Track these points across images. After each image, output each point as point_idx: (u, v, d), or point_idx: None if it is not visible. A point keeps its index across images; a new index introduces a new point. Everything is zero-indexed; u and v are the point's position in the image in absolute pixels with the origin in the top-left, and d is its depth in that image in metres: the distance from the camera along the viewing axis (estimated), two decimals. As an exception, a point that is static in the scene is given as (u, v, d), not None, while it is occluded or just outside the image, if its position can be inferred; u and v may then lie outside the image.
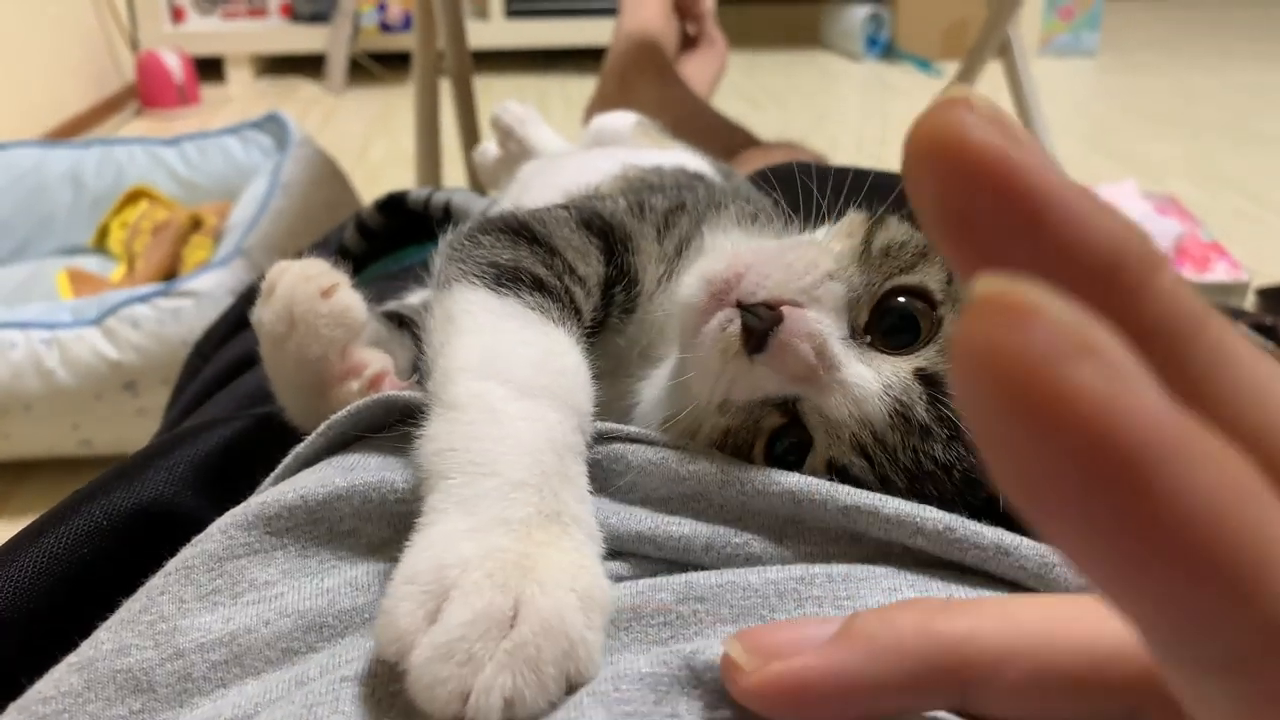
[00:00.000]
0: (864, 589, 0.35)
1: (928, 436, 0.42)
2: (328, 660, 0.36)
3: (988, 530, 0.36)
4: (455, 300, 0.46)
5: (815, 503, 0.38)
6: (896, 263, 0.46)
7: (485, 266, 0.48)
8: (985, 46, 1.78)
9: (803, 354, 0.41)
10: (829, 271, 0.44)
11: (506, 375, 0.41)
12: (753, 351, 0.42)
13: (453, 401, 0.40)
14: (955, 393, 0.16)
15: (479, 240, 0.50)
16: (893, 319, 0.44)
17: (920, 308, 0.45)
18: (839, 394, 0.42)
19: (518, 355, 0.42)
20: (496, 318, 0.45)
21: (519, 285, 0.47)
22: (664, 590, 0.36)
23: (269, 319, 0.49)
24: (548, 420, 0.40)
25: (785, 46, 4.12)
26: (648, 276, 0.52)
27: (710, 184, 0.80)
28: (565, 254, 0.50)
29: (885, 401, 0.42)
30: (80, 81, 2.95)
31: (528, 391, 0.41)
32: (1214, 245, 1.93)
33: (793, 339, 0.42)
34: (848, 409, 0.42)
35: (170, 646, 0.37)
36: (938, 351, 0.44)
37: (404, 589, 0.33)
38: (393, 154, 2.77)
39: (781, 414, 0.43)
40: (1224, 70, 3.71)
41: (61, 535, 0.47)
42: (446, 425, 0.39)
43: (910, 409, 0.42)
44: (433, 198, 0.89)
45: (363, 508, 0.41)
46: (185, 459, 0.52)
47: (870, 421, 0.42)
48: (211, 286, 1.43)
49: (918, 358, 0.43)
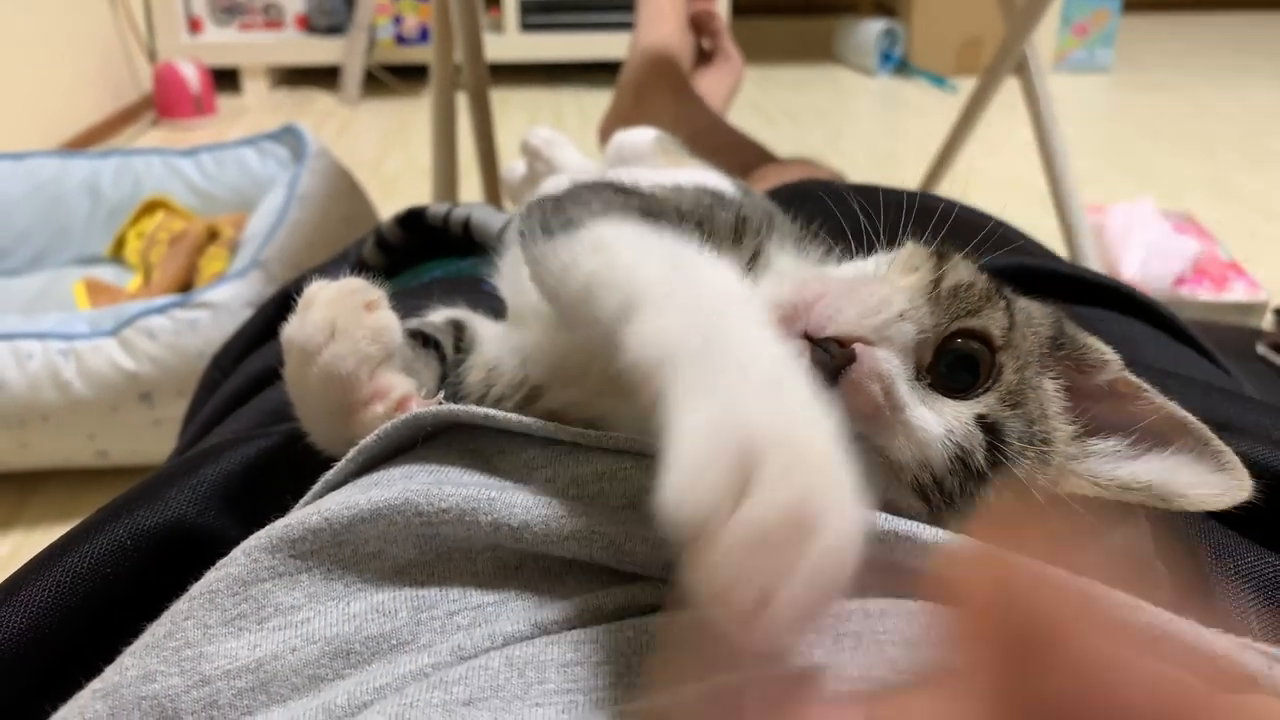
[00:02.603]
0: (900, 626, 0.34)
1: (984, 483, 0.42)
2: (355, 687, 0.36)
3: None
4: (602, 232, 0.42)
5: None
6: (964, 305, 0.46)
7: (622, 209, 0.44)
8: (1002, 64, 1.78)
9: (872, 394, 0.41)
10: (901, 311, 0.44)
11: (706, 280, 0.38)
12: (820, 378, 0.41)
13: (660, 300, 0.36)
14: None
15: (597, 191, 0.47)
16: (954, 360, 0.44)
17: (980, 350, 0.45)
18: (902, 436, 0.42)
19: (706, 271, 0.39)
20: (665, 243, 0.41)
21: (667, 221, 0.44)
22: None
23: (308, 329, 0.48)
24: (767, 335, 0.36)
25: (799, 61, 4.13)
26: None
27: (756, 202, 0.80)
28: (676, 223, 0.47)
29: (947, 446, 0.41)
30: (97, 91, 2.97)
31: (735, 298, 0.37)
32: (1232, 264, 1.92)
33: (863, 379, 0.41)
34: (910, 451, 0.41)
35: (196, 674, 0.37)
36: (998, 399, 0.44)
37: (708, 448, 0.29)
38: (408, 167, 2.78)
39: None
40: (1240, 88, 3.70)
41: (85, 554, 0.47)
42: (665, 317, 0.35)
43: (970, 455, 0.42)
44: (452, 213, 0.89)
45: (388, 530, 0.40)
46: (209, 478, 0.51)
47: (931, 465, 0.41)
48: (228, 298, 1.43)
49: (978, 404, 0.44)
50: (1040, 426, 0.45)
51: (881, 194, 0.52)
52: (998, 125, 2.22)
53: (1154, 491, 0.44)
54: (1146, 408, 0.46)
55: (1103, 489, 0.45)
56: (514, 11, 3.55)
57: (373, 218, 1.79)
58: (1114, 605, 0.35)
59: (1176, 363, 0.70)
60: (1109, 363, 0.48)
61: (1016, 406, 0.44)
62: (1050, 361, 0.48)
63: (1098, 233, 1.95)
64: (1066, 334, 0.49)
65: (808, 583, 0.27)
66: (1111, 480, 0.45)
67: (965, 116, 1.90)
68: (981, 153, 2.59)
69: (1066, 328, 0.50)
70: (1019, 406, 0.44)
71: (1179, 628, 0.34)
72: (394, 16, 3.49)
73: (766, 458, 0.28)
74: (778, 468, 0.28)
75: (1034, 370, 0.46)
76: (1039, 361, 0.47)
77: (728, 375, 0.32)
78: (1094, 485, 0.45)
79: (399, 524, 0.40)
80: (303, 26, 3.53)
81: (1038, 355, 0.47)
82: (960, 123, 1.91)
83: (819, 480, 0.29)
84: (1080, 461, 0.46)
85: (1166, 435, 0.45)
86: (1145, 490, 0.44)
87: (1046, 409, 0.46)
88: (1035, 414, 0.45)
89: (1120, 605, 0.35)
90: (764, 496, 0.28)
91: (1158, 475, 0.44)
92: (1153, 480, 0.44)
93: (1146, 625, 0.34)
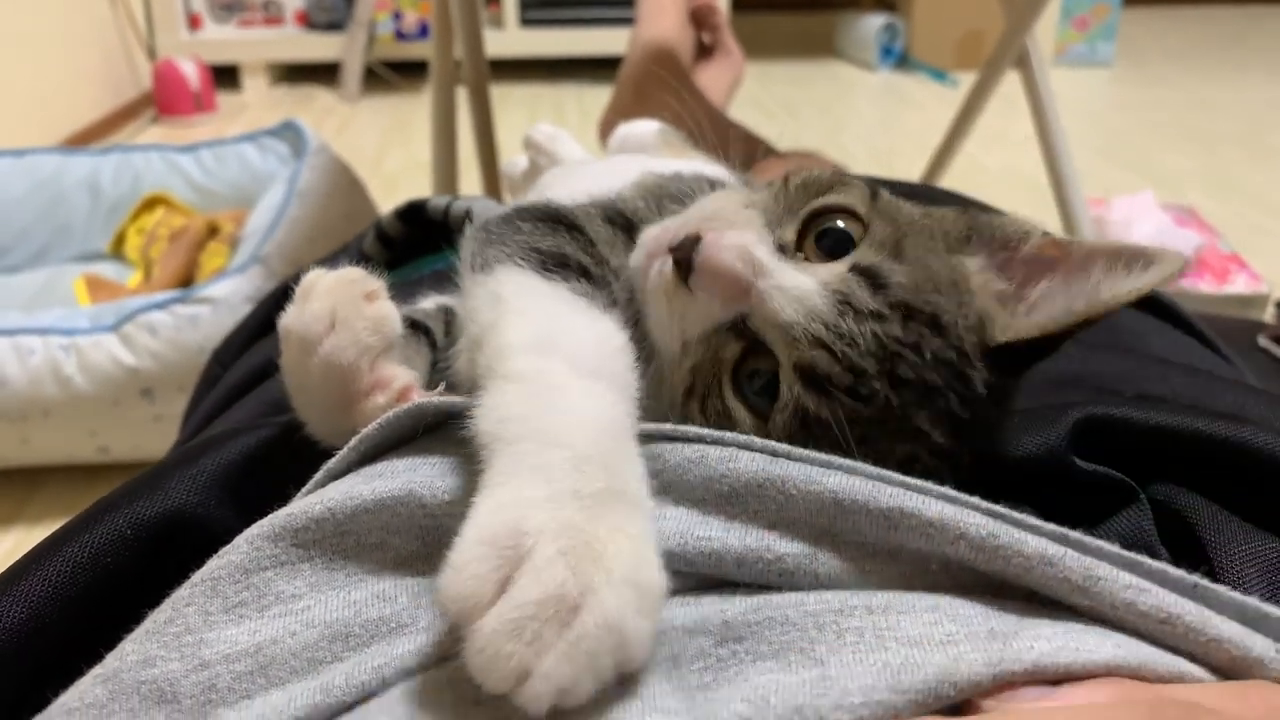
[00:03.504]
0: (904, 621, 0.34)
1: (882, 320, 0.43)
2: (353, 669, 0.36)
3: (1031, 539, 0.36)
4: (501, 282, 0.46)
5: (856, 504, 0.37)
6: (815, 189, 0.49)
7: (529, 251, 0.48)
8: (1003, 58, 1.77)
9: (728, 263, 0.45)
10: (743, 203, 0.48)
11: (565, 354, 0.41)
12: (686, 278, 0.45)
13: (513, 374, 0.40)
14: None
15: (518, 226, 0.51)
16: (825, 237, 0.47)
17: (847, 222, 0.47)
18: (779, 297, 0.44)
19: (575, 337, 0.42)
20: (550, 301, 0.45)
21: (566, 271, 0.48)
22: (701, 635, 0.35)
23: (307, 319, 0.48)
24: (607, 400, 0.40)
25: (799, 56, 4.12)
26: None
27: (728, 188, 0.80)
28: (599, 245, 0.51)
29: (826, 296, 0.44)
30: (97, 88, 2.97)
31: (586, 372, 0.41)
32: (1233, 257, 1.92)
33: (716, 253, 0.45)
34: (791, 308, 0.44)
35: (196, 658, 0.37)
36: (870, 249, 0.46)
37: (477, 549, 0.32)
38: (407, 163, 2.78)
39: (737, 338, 0.46)
40: (1240, 83, 3.70)
41: (84, 544, 0.47)
42: (509, 396, 0.39)
43: (850, 296, 0.44)
44: (452, 206, 0.89)
45: (391, 521, 0.40)
46: (209, 468, 0.51)
47: (818, 314, 0.44)
48: (229, 294, 1.43)
49: (850, 258, 0.46)
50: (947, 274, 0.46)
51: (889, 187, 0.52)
52: (998, 119, 2.22)
53: (1097, 301, 0.44)
54: (1079, 251, 0.46)
55: (1046, 326, 0.45)
56: (513, 7, 3.55)
57: (373, 214, 1.79)
58: (1120, 588, 0.34)
59: (1181, 353, 0.70)
60: (1029, 232, 0.48)
61: (898, 256, 0.45)
62: (970, 249, 0.49)
63: (1099, 225, 1.95)
64: (980, 220, 0.50)
65: (564, 659, 0.30)
66: (1052, 316, 0.45)
67: (965, 110, 1.89)
68: (981, 147, 2.59)
69: (979, 218, 0.50)
70: (901, 255, 0.45)
71: (1184, 610, 0.34)
72: (393, 12, 3.49)
73: (535, 549, 0.32)
74: (542, 559, 0.32)
75: (934, 248, 0.47)
76: (946, 246, 0.48)
77: (534, 461, 0.36)
78: (1039, 326, 0.45)
79: (402, 515, 0.40)
80: (302, 23, 3.53)
81: (945, 242, 0.48)
82: (960, 116, 1.91)
83: (586, 565, 0.32)
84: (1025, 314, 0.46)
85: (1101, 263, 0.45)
86: (1088, 308, 0.44)
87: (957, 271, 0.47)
88: (936, 266, 0.46)
89: (1126, 588, 0.34)
90: (523, 585, 0.31)
91: (1097, 291, 0.44)
92: (1093, 296, 0.44)
93: (1152, 608, 0.34)
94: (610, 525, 0.34)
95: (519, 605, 0.31)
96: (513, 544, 0.32)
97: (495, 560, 0.32)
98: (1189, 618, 0.34)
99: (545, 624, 0.31)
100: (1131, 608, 0.34)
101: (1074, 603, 0.35)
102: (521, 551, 0.32)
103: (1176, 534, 0.45)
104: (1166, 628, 0.34)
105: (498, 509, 0.34)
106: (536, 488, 0.35)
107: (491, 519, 0.34)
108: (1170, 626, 0.34)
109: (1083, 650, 0.33)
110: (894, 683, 0.32)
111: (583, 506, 0.34)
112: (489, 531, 0.33)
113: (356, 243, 0.96)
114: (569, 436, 0.37)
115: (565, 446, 0.36)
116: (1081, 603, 0.35)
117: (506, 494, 0.35)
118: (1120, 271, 0.44)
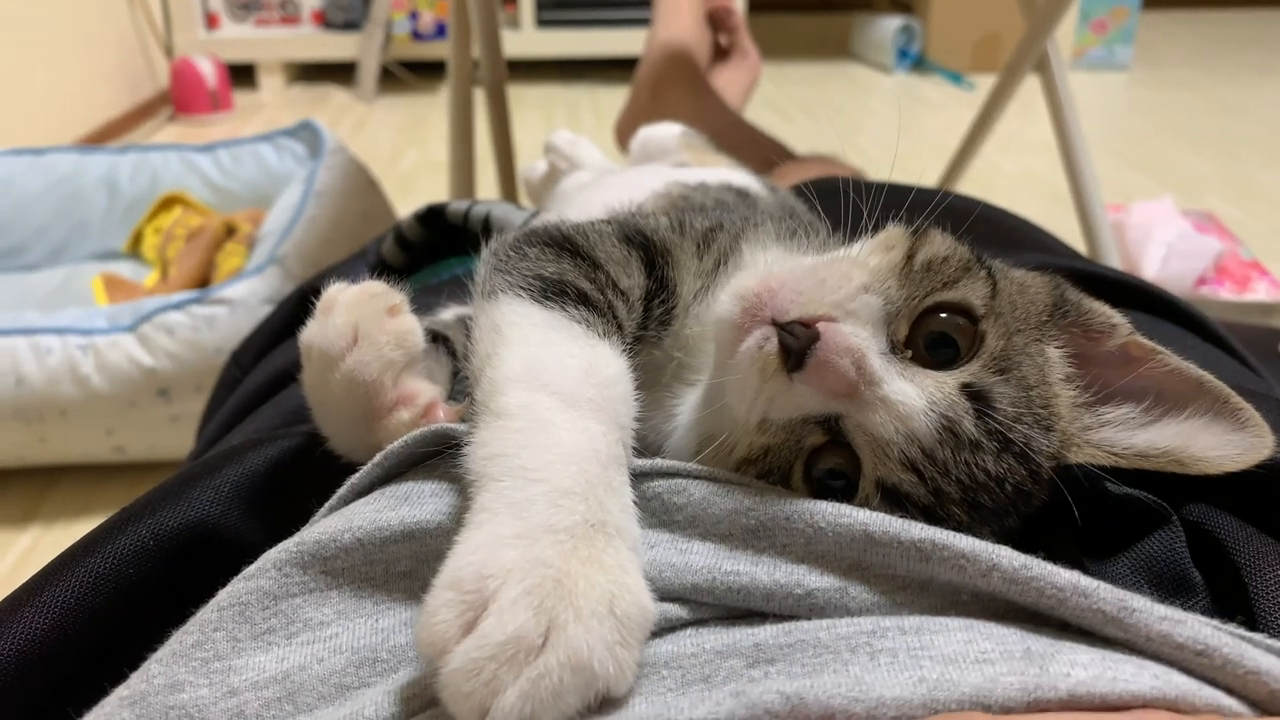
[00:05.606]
0: (938, 640, 0.34)
1: (978, 450, 0.42)
2: (381, 695, 0.36)
3: (1064, 571, 0.35)
4: (502, 312, 0.46)
5: (887, 537, 0.37)
6: (939, 278, 0.46)
7: (530, 279, 0.48)
8: (1023, 62, 1.76)
9: (842, 370, 0.41)
10: (863, 285, 0.44)
11: (553, 387, 0.41)
12: (792, 370, 0.42)
13: (501, 410, 0.40)
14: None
15: (524, 252, 0.50)
16: (933, 335, 0.44)
17: (960, 324, 0.44)
18: (882, 411, 0.42)
19: (564, 368, 0.42)
20: (543, 330, 0.45)
21: (564, 299, 0.47)
22: (733, 657, 0.35)
23: (330, 334, 0.48)
24: (592, 431, 0.40)
25: (815, 58, 4.11)
26: (685, 290, 0.52)
27: (753, 201, 0.79)
28: (608, 268, 0.50)
29: (931, 417, 0.41)
30: (115, 87, 2.98)
31: (573, 403, 0.41)
32: (1254, 264, 1.90)
33: (831, 356, 0.41)
34: (893, 426, 0.41)
35: (224, 685, 0.37)
36: (982, 366, 0.43)
37: (446, 595, 0.34)
38: (423, 163, 2.78)
39: (824, 432, 0.43)
40: (1258, 86, 3.67)
41: (108, 554, 0.47)
42: (496, 432, 0.40)
43: (958, 424, 0.41)
44: (472, 210, 0.88)
45: (421, 551, 0.40)
46: (231, 478, 0.51)
47: (918, 437, 0.41)
48: (246, 294, 1.43)
49: (962, 373, 0.43)
50: (1040, 392, 0.44)
51: (888, 189, 0.52)
52: (1015, 122, 2.21)
53: (1172, 457, 0.43)
54: (1161, 370, 0.45)
55: (1119, 457, 0.44)
56: (530, 7, 3.54)
57: (389, 214, 1.79)
58: (1155, 619, 0.34)
59: (1206, 364, 0.69)
60: (1117, 326, 0.47)
61: (1005, 373, 0.44)
62: (1053, 329, 0.47)
63: (1118, 232, 1.94)
64: (1069, 300, 0.48)
65: (523, 697, 0.32)
66: (1128, 449, 0.44)
67: (984, 114, 1.88)
68: (999, 150, 2.58)
69: (1068, 294, 0.49)
70: (1008, 373, 0.44)
71: (1222, 642, 0.34)
72: (410, 12, 3.49)
73: (500, 591, 0.34)
74: (506, 600, 0.33)
75: (1030, 337, 0.46)
76: (1038, 329, 0.47)
77: (512, 497, 0.37)
78: (1110, 455, 0.44)
79: (431, 546, 0.41)
80: (319, 22, 3.53)
81: (1036, 323, 0.47)
82: (979, 120, 1.89)
83: (553, 603, 0.33)
84: (1095, 431, 0.45)
85: (1183, 398, 0.45)
86: (1163, 456, 0.43)
87: (1047, 375, 0.45)
88: (1033, 380, 0.44)
89: (1161, 619, 0.34)
90: (484, 628, 0.33)
91: (1174, 440, 0.43)
92: (1169, 446, 0.43)
93: (1189, 639, 0.33)
94: (584, 557, 0.35)
95: (480, 647, 0.32)
96: (475, 589, 0.34)
97: (459, 606, 0.34)
98: (1226, 650, 0.33)
99: (503, 665, 0.32)
100: (1168, 639, 0.34)
101: (1108, 634, 0.34)
102: (486, 595, 0.34)
103: (1209, 554, 0.44)
104: (1203, 660, 0.33)
105: (472, 551, 0.35)
106: (511, 524, 0.36)
107: (464, 561, 0.35)
108: (1207, 659, 0.33)
109: (1120, 679, 0.32)
110: (929, 699, 0.31)
111: (556, 541, 0.35)
112: (455, 576, 0.34)
113: (374, 246, 0.96)
114: (548, 471, 0.37)
115: (543, 481, 0.37)
116: (1116, 634, 0.34)
117: (481, 535, 0.36)
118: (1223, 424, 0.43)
